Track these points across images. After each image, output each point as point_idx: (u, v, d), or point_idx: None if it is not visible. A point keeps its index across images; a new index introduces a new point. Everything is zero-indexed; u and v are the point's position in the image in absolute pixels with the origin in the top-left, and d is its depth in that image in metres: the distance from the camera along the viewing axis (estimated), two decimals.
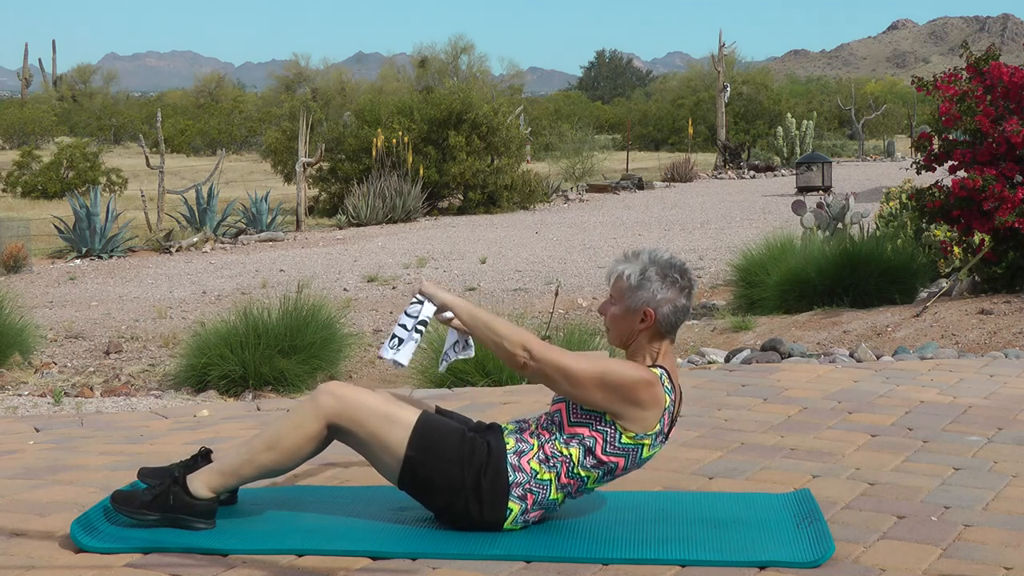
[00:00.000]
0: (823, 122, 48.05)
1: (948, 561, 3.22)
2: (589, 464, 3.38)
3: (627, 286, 3.39)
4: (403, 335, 3.45)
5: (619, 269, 3.43)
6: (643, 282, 3.37)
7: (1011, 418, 4.98)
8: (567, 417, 3.38)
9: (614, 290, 3.43)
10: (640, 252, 3.44)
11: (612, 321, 3.43)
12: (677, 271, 3.40)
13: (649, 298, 3.37)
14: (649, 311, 3.37)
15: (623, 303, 3.40)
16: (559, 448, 3.37)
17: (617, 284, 3.42)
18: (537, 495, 3.37)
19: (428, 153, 23.68)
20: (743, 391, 5.54)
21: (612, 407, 3.32)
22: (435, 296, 3.45)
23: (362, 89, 54.22)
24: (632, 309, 3.38)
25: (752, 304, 10.08)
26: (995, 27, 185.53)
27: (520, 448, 3.38)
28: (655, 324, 3.38)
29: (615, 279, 3.43)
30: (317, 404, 3.38)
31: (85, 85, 70.40)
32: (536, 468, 3.36)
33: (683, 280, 3.40)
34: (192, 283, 14.21)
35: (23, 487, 3.95)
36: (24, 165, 28.90)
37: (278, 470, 3.44)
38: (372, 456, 3.42)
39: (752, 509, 3.62)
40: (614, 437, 3.36)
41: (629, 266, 3.41)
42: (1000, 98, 9.35)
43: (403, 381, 8.01)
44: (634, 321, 3.39)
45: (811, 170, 26.90)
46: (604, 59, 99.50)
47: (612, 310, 3.43)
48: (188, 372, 7.90)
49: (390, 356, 3.44)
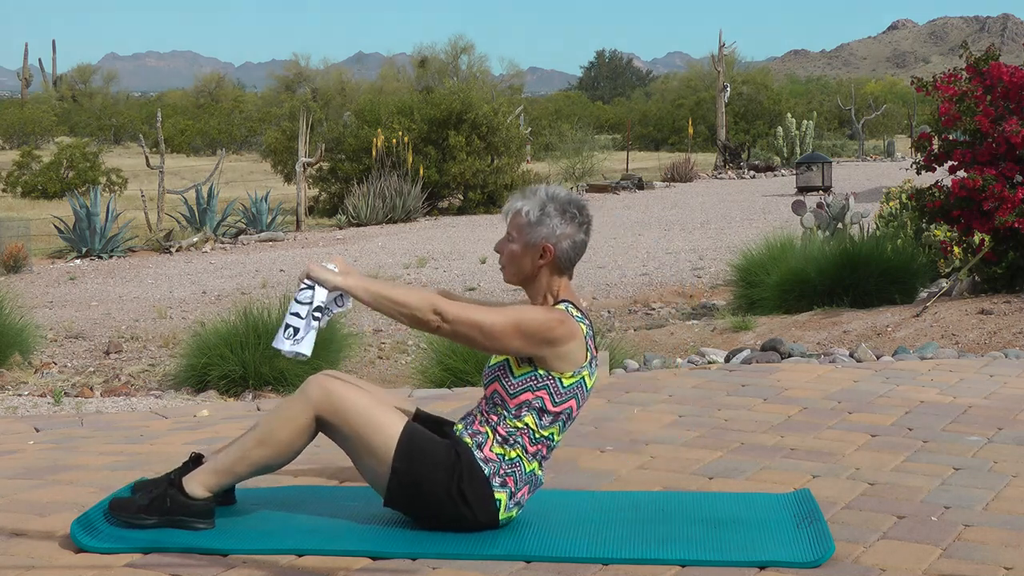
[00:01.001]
0: (823, 122, 48.06)
1: (948, 561, 3.22)
2: (547, 422, 3.39)
3: (526, 222, 3.38)
4: (298, 324, 3.30)
5: (517, 206, 3.41)
6: (542, 218, 3.37)
7: (1011, 418, 4.98)
8: (505, 392, 3.38)
9: (512, 227, 3.41)
10: (537, 188, 3.44)
11: (510, 258, 3.42)
12: (575, 207, 3.40)
13: (548, 234, 3.37)
14: (548, 247, 3.37)
15: (522, 239, 3.39)
16: (512, 424, 3.38)
17: (515, 220, 3.40)
18: (515, 475, 3.38)
19: (428, 153, 23.69)
20: (743, 391, 5.54)
21: (534, 352, 3.33)
22: (325, 280, 3.32)
23: (362, 89, 54.23)
24: (531, 245, 3.38)
25: (752, 304, 10.08)
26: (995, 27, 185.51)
27: (478, 440, 3.39)
28: (554, 260, 3.38)
29: (513, 215, 3.41)
30: (306, 396, 3.38)
31: (85, 85, 70.40)
32: (501, 451, 3.37)
33: (581, 216, 3.41)
34: (192, 283, 14.21)
35: (23, 487, 3.95)
36: (24, 165, 28.91)
37: (272, 465, 3.43)
38: (355, 456, 3.43)
39: (752, 509, 3.62)
40: (557, 386, 3.37)
41: (527, 203, 3.39)
42: (1000, 98, 9.35)
43: (403, 381, 8.01)
44: (533, 257, 3.39)
45: (811, 170, 26.90)
46: (604, 59, 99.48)
47: (510, 247, 3.41)
48: (188, 372, 7.91)
49: (288, 348, 3.29)
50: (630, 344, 8.12)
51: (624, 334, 9.30)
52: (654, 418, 4.95)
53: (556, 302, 3.41)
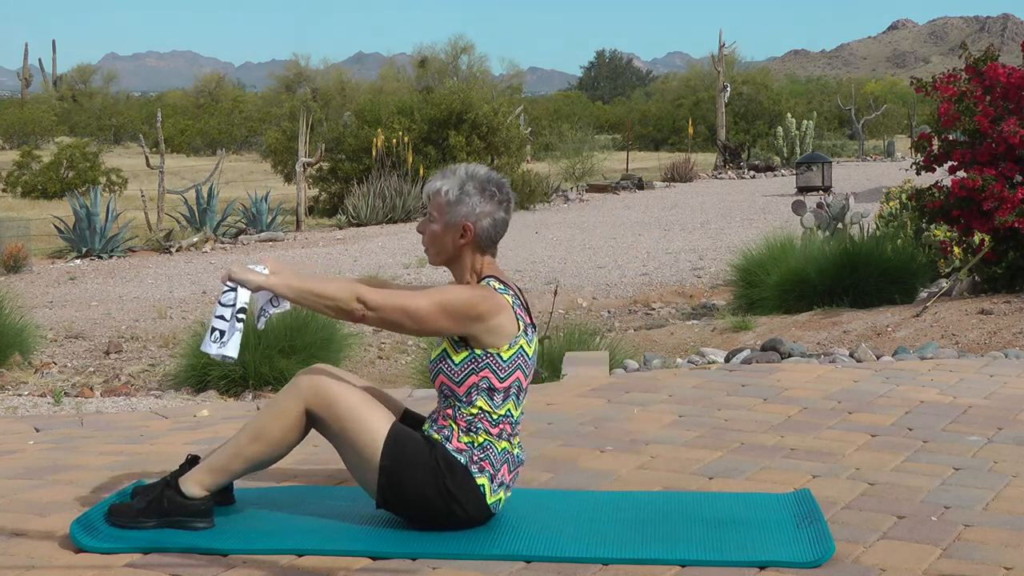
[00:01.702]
0: (823, 122, 48.03)
1: (948, 561, 3.22)
2: (499, 400, 3.40)
3: (445, 201, 3.39)
4: (223, 327, 3.33)
5: (436, 186, 3.42)
6: (461, 196, 3.38)
7: (1011, 418, 4.98)
8: (451, 381, 3.38)
9: (433, 207, 3.42)
10: (456, 168, 3.45)
11: (432, 239, 3.43)
12: (494, 185, 3.42)
13: (468, 212, 3.38)
14: (468, 225, 3.39)
15: (442, 219, 3.40)
16: (467, 411, 3.38)
17: (436, 200, 3.41)
18: (489, 458, 3.38)
19: (428, 153, 23.69)
20: (743, 391, 5.54)
21: (464, 330, 3.34)
22: (247, 280, 3.35)
23: (362, 89, 54.22)
24: (451, 224, 3.39)
25: (752, 304, 10.08)
26: (995, 27, 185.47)
27: (445, 434, 3.40)
28: (475, 238, 3.40)
29: (433, 195, 3.42)
30: (296, 390, 3.40)
31: (85, 85, 70.41)
32: (468, 439, 3.38)
33: (501, 194, 3.42)
34: (192, 283, 14.21)
35: (23, 487, 3.95)
36: (24, 165, 28.91)
37: (266, 460, 3.44)
38: (342, 452, 3.43)
39: (752, 509, 3.62)
40: (498, 362, 3.38)
41: (447, 182, 3.40)
42: (999, 98, 9.35)
43: (403, 382, 8.01)
44: (454, 236, 3.40)
45: (811, 170, 26.89)
46: (604, 59, 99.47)
47: (431, 228, 3.43)
48: (188, 372, 7.91)
49: (216, 351, 3.32)
50: (630, 344, 8.12)
51: (624, 334, 9.31)
52: (654, 418, 4.95)
53: (480, 279, 3.42)
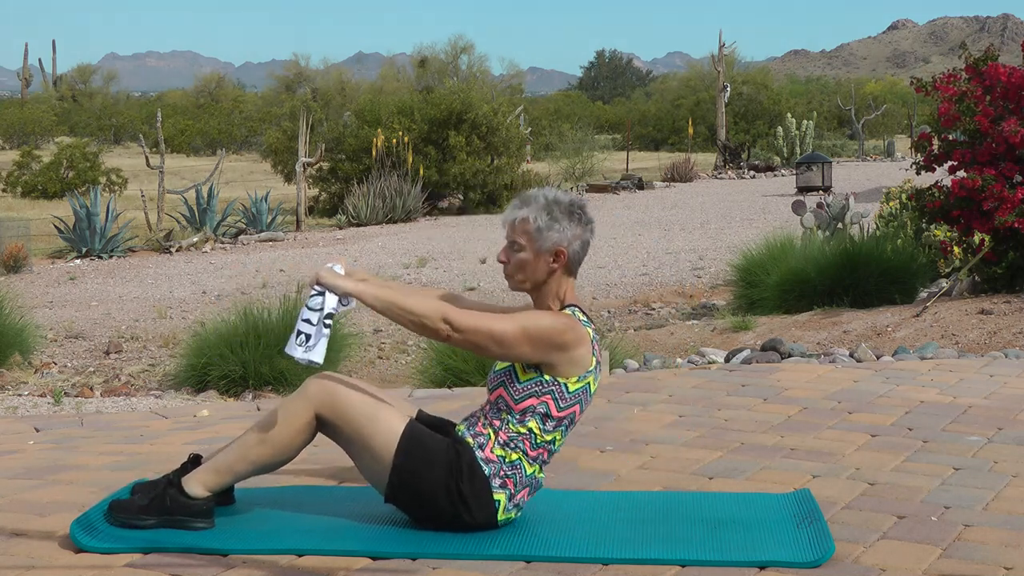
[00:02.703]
0: (823, 122, 48.02)
1: (948, 561, 3.22)
2: (550, 427, 3.41)
3: (535, 228, 3.39)
4: (309, 331, 3.30)
5: (521, 214, 3.41)
6: (551, 223, 3.38)
7: (1011, 418, 4.98)
8: (511, 397, 3.39)
9: (520, 236, 3.40)
10: (536, 194, 3.44)
11: (521, 266, 3.41)
12: (579, 207, 3.43)
13: (560, 237, 3.39)
14: (562, 250, 3.39)
15: (533, 246, 3.39)
16: (515, 429, 3.38)
17: (523, 228, 3.40)
18: (515, 477, 3.39)
19: (428, 153, 23.69)
20: (743, 391, 5.54)
21: (543, 358, 3.34)
22: (336, 286, 3.33)
23: (362, 89, 54.20)
24: (544, 250, 3.39)
25: (752, 304, 10.08)
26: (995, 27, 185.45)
27: (479, 442, 3.39)
28: (566, 262, 3.41)
29: (519, 223, 3.40)
30: (306, 395, 3.39)
31: (85, 85, 70.38)
32: (501, 454, 3.38)
33: (585, 215, 3.44)
34: (192, 283, 14.21)
35: (23, 487, 3.95)
36: (24, 165, 28.91)
37: (271, 464, 3.44)
38: (356, 455, 3.43)
39: (752, 509, 3.62)
40: (562, 391, 3.38)
41: (531, 210, 3.40)
42: (999, 98, 9.35)
43: (403, 381, 8.01)
44: (547, 262, 3.40)
45: (811, 170, 26.90)
46: (604, 59, 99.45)
47: (520, 256, 3.41)
48: (188, 372, 7.91)
49: (301, 355, 3.28)
50: (630, 344, 8.12)
51: (624, 334, 9.30)
52: (654, 418, 4.95)
53: (563, 306, 3.43)
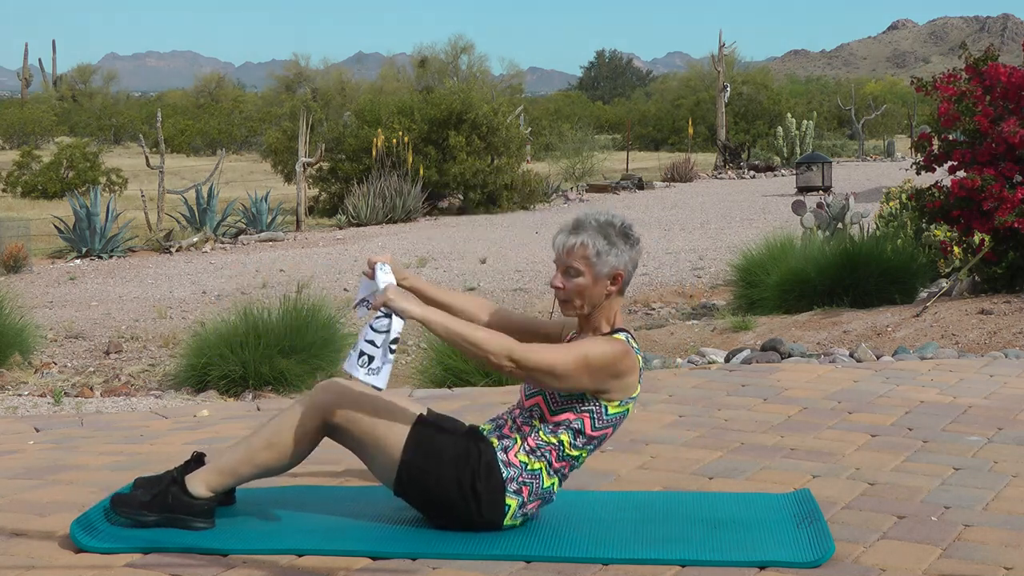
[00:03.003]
0: (823, 122, 48.03)
1: (948, 561, 3.22)
2: (580, 443, 3.41)
3: (594, 253, 3.38)
4: (374, 352, 3.22)
5: (577, 239, 3.39)
6: (609, 247, 3.39)
7: (1011, 418, 4.98)
8: (547, 408, 3.39)
9: (578, 261, 3.39)
10: (586, 219, 3.42)
11: (579, 291, 3.40)
12: (629, 229, 3.44)
13: (617, 261, 3.39)
14: (620, 273, 3.40)
15: (592, 271, 3.39)
16: (545, 438, 3.38)
17: (579, 253, 3.39)
18: (532, 485, 3.39)
19: (428, 153, 23.69)
20: (743, 391, 5.55)
21: (599, 386, 3.35)
22: (405, 311, 3.28)
23: (362, 89, 54.20)
24: (603, 275, 3.39)
25: (752, 304, 10.08)
26: (995, 27, 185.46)
27: (505, 444, 3.39)
28: (621, 285, 3.43)
29: (577, 249, 3.39)
30: (314, 402, 3.39)
31: (85, 85, 70.37)
32: (525, 460, 3.38)
33: (634, 235, 3.45)
34: (192, 283, 14.21)
35: (23, 487, 3.95)
36: (24, 165, 28.91)
37: (276, 468, 3.44)
38: (367, 456, 3.43)
39: (752, 509, 3.62)
40: (601, 412, 3.39)
41: (585, 235, 3.39)
42: (999, 98, 9.35)
43: (403, 381, 8.01)
44: (605, 286, 3.41)
45: (811, 170, 26.90)
46: (604, 59, 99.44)
47: (577, 281, 3.40)
48: (188, 372, 7.91)
49: (364, 377, 3.21)
50: None
51: None
52: (654, 418, 4.95)
53: (613, 330, 3.43)
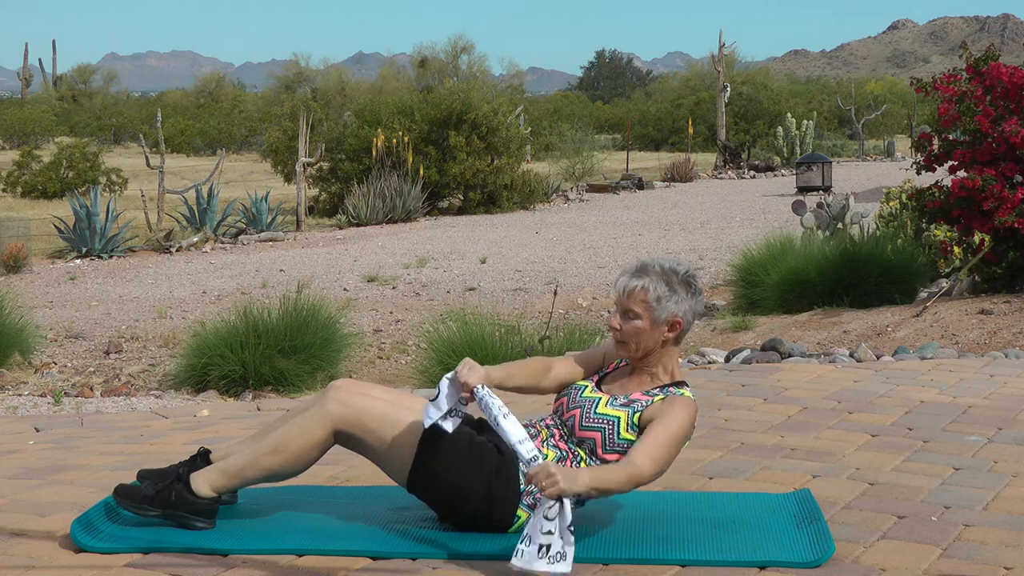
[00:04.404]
0: (823, 122, 48.03)
1: (948, 561, 3.22)
2: None
3: (655, 298, 3.39)
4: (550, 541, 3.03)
5: (639, 283, 3.41)
6: (670, 294, 3.40)
7: (1011, 418, 4.98)
8: (602, 447, 3.37)
9: (637, 304, 3.40)
10: (650, 264, 3.44)
11: (636, 334, 3.41)
12: (691, 277, 3.46)
13: (677, 309, 3.40)
14: (678, 321, 3.41)
15: (650, 316, 3.40)
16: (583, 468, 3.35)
17: (638, 297, 3.40)
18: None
19: (428, 153, 23.68)
20: (743, 391, 5.55)
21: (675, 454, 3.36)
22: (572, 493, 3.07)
23: (362, 89, 54.20)
24: (661, 321, 3.40)
25: (752, 304, 10.08)
26: (995, 27, 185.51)
27: None
28: (679, 333, 3.43)
29: (638, 292, 3.40)
30: (325, 411, 3.37)
31: (85, 85, 70.34)
32: None
33: (697, 286, 3.47)
34: (192, 283, 14.21)
35: (23, 487, 3.95)
36: (24, 165, 28.89)
37: (282, 474, 3.43)
38: (381, 460, 3.42)
39: (752, 509, 3.62)
40: None
41: (648, 279, 3.40)
42: (1000, 98, 9.35)
43: (403, 381, 8.01)
44: (662, 332, 3.42)
45: (811, 170, 26.90)
46: (604, 59, 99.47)
47: (635, 324, 3.41)
48: (188, 372, 7.91)
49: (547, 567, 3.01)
50: None
51: None
52: None
53: (674, 382, 3.44)
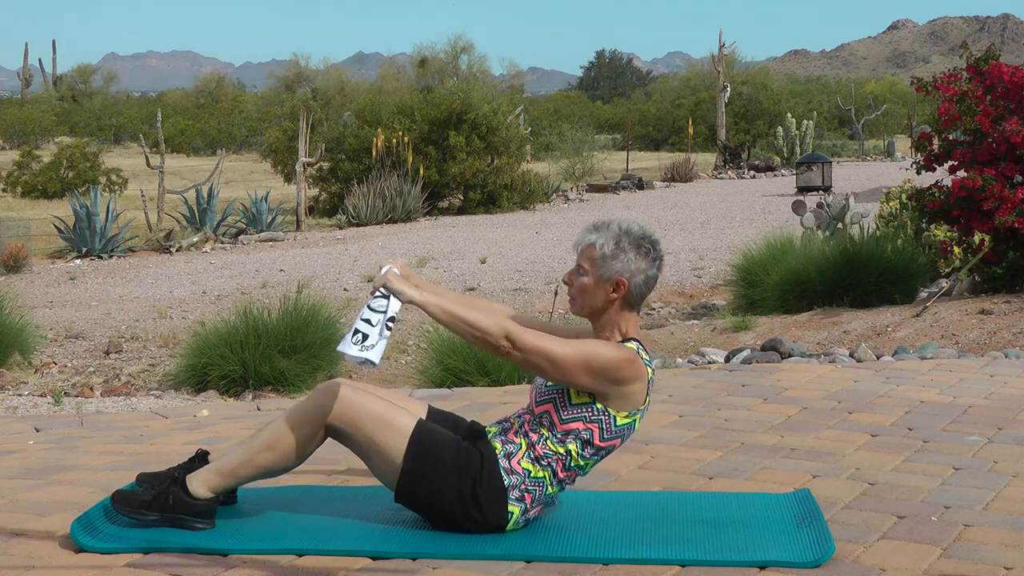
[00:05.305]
0: (823, 122, 48.02)
1: (948, 561, 3.22)
2: (588, 454, 3.40)
3: (600, 255, 3.37)
4: (369, 331, 3.26)
5: (590, 239, 3.40)
6: (617, 252, 3.37)
7: (1011, 418, 4.98)
8: (557, 416, 3.37)
9: (585, 260, 3.40)
10: (609, 222, 3.43)
11: (581, 291, 3.41)
12: (649, 242, 3.41)
13: (623, 268, 3.37)
14: (623, 281, 3.37)
15: (595, 273, 3.38)
16: (552, 448, 3.37)
17: (588, 254, 3.39)
18: (535, 493, 3.38)
19: (428, 153, 23.68)
20: (743, 391, 5.55)
21: (598, 389, 3.34)
22: (402, 293, 3.30)
23: (362, 89, 54.14)
24: (605, 279, 3.37)
25: (752, 304, 10.08)
26: (995, 27, 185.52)
27: (508, 450, 3.38)
28: (627, 294, 3.39)
29: (585, 247, 3.40)
30: (316, 405, 3.38)
31: (85, 85, 70.33)
32: (528, 468, 3.37)
33: (655, 251, 3.42)
34: (192, 283, 14.21)
35: (23, 487, 3.95)
36: (24, 165, 28.89)
37: (277, 470, 3.44)
38: (368, 459, 3.43)
39: (752, 509, 3.62)
40: (610, 423, 3.38)
41: (600, 236, 3.39)
42: (1000, 98, 9.35)
43: (403, 381, 8.01)
44: (606, 291, 3.38)
45: (811, 170, 26.89)
46: (604, 59, 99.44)
47: (581, 280, 3.40)
48: (188, 372, 7.90)
49: (356, 353, 3.23)
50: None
51: None
52: (654, 418, 4.95)
53: (625, 339, 3.41)
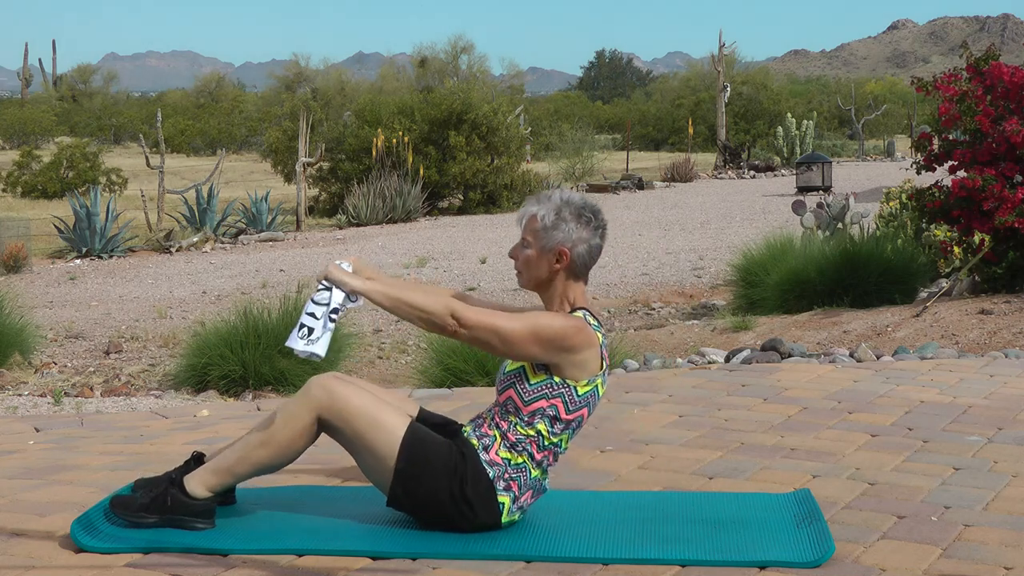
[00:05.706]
0: (823, 122, 48.02)
1: (948, 561, 3.22)
2: (558, 430, 3.41)
3: (541, 227, 3.39)
4: (313, 324, 3.30)
5: (532, 210, 3.42)
6: (558, 222, 3.38)
7: (1011, 418, 4.98)
8: (520, 399, 3.39)
9: (528, 232, 3.42)
10: (551, 194, 3.45)
11: (526, 263, 3.43)
12: (590, 211, 3.43)
13: (564, 238, 3.38)
14: (565, 250, 3.38)
15: (538, 244, 3.40)
16: (523, 432, 3.39)
17: (531, 225, 3.41)
18: (519, 479, 3.39)
19: (428, 153, 23.69)
20: (743, 391, 5.55)
21: (550, 359, 3.35)
22: (343, 282, 3.33)
23: (362, 89, 54.14)
24: (547, 249, 3.39)
25: (752, 304, 10.08)
26: (995, 27, 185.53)
27: (484, 443, 3.40)
28: (570, 264, 3.40)
29: (528, 220, 3.42)
30: (308, 397, 3.39)
31: (85, 85, 70.33)
32: (507, 456, 3.39)
33: (596, 220, 3.43)
34: (192, 283, 14.21)
35: (23, 487, 3.95)
36: (24, 165, 28.91)
37: (273, 466, 3.44)
38: (357, 455, 3.44)
39: (752, 509, 3.62)
40: (571, 394, 3.39)
41: (542, 207, 3.41)
42: (1000, 98, 9.35)
43: (403, 381, 8.01)
44: (550, 261, 3.40)
45: (811, 170, 26.90)
46: (604, 59, 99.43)
47: (526, 253, 3.42)
48: (188, 372, 7.90)
49: (302, 347, 3.29)
50: (630, 344, 8.12)
51: (624, 334, 9.31)
52: (654, 418, 4.95)
53: (573, 309, 3.42)
